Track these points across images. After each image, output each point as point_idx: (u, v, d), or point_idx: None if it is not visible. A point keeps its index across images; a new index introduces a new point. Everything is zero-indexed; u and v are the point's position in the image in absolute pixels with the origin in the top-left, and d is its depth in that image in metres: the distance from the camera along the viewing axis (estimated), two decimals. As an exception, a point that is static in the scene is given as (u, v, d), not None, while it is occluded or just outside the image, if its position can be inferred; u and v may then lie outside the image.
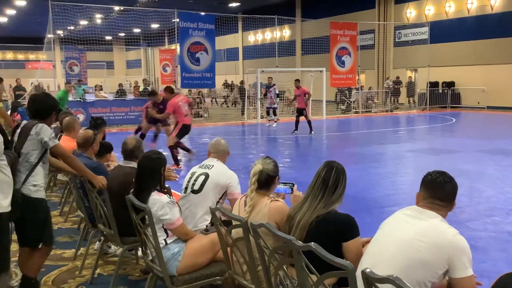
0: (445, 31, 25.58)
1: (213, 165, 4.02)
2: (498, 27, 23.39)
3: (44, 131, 3.74)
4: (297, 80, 16.18)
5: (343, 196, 2.89)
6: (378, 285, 2.00)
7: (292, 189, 3.40)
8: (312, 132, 15.33)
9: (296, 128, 15.52)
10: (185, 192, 3.95)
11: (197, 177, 3.93)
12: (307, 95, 15.63)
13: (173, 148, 9.48)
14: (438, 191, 2.51)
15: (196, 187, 3.89)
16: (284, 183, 3.41)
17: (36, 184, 3.72)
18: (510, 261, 4.72)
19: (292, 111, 24.06)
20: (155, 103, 10.72)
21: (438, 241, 2.32)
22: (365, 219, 6.18)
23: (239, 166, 8.78)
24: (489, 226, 5.81)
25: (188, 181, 3.97)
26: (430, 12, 26.82)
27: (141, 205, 3.19)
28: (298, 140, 14.70)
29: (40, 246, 3.84)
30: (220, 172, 3.98)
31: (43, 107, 3.90)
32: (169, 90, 10.34)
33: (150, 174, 3.46)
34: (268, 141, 15.02)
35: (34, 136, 3.72)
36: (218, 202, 3.90)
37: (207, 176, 3.91)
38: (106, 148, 5.22)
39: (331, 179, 2.85)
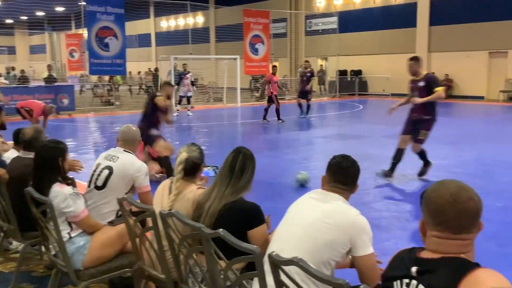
0: (352, 21, 26.67)
1: (118, 157, 3.71)
2: (401, 18, 24.79)
3: None
4: (275, 66, 16.40)
5: (251, 183, 2.88)
6: (285, 268, 2.05)
7: (215, 172, 3.37)
8: (266, 120, 15.24)
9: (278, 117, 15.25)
10: (89, 186, 3.69)
11: (101, 171, 3.65)
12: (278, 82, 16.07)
13: None
14: (341, 175, 2.59)
15: (99, 182, 3.61)
16: (208, 166, 3.38)
17: None
18: (410, 239, 5.04)
19: (207, 99, 24.04)
20: None
21: (341, 222, 2.40)
22: (279, 204, 6.28)
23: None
24: (392, 207, 6.17)
25: (93, 174, 3.70)
26: (339, 2, 27.78)
27: (41, 198, 3.02)
28: (213, 128, 14.68)
29: None
30: (126, 165, 3.68)
31: None
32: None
33: (49, 164, 3.27)
34: (183, 128, 14.85)
35: None
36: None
37: (111, 170, 3.62)
38: None
39: (237, 164, 2.85)
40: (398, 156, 7.37)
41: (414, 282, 1.62)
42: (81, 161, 4.05)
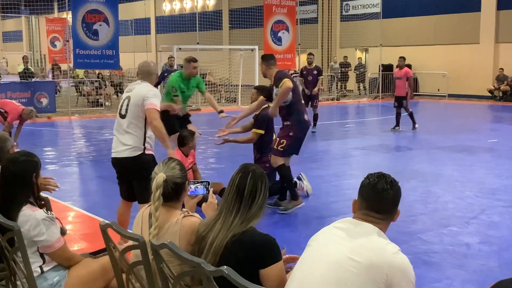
0: (400, 4, 26.54)
1: (135, 87, 5.21)
2: (461, 0, 24.59)
3: None
4: (402, 58, 14.98)
5: (264, 209, 2.86)
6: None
7: (207, 189, 3.33)
8: (416, 125, 14.62)
9: (398, 124, 14.70)
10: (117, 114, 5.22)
11: (123, 101, 5.17)
12: (409, 79, 14.59)
13: None
14: (375, 202, 2.57)
15: (123, 111, 5.12)
16: (196, 182, 3.35)
17: None
18: (467, 280, 4.97)
19: (218, 100, 24.15)
20: None
21: (374, 261, 2.38)
22: (302, 232, 6.31)
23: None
24: (446, 238, 6.09)
25: (119, 108, 5.19)
26: (383, -20, 27.74)
27: (7, 223, 3.06)
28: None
29: None
30: (140, 91, 5.12)
31: None
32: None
33: (19, 182, 3.32)
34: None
35: None
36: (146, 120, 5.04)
37: (129, 99, 5.12)
38: None
39: (246, 187, 2.82)
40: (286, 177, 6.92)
41: None
42: (55, 178, 4.09)
